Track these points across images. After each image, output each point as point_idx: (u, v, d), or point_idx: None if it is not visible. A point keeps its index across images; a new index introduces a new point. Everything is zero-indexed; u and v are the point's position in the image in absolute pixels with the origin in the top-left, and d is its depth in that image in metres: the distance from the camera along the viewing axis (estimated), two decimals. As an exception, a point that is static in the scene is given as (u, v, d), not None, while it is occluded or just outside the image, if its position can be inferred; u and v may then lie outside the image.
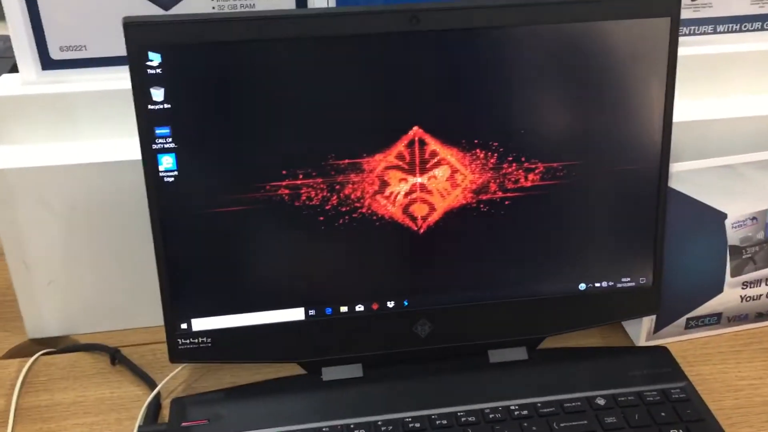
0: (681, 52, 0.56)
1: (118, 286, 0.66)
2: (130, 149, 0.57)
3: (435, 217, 0.57)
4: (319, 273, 0.58)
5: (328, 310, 0.58)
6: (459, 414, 0.55)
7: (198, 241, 0.55)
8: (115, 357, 0.63)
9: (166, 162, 0.53)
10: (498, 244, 0.59)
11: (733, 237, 0.62)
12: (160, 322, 0.56)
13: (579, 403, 0.56)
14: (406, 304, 0.59)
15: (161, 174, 0.53)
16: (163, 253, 0.55)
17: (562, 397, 0.57)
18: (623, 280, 0.61)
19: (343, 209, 0.56)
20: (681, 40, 0.56)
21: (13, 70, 0.65)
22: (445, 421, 0.55)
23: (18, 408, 0.59)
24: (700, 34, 0.69)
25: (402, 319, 0.59)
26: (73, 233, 0.63)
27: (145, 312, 0.63)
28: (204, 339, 0.57)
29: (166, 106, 0.52)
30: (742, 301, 0.64)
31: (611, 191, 0.58)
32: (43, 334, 0.67)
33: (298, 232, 0.56)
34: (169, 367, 0.60)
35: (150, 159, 0.53)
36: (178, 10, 0.62)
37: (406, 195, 0.56)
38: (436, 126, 0.55)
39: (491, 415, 0.55)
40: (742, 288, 0.64)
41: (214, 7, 0.63)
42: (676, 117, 0.57)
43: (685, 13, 0.64)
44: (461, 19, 0.53)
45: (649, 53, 0.55)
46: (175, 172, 0.53)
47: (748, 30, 0.69)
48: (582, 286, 0.60)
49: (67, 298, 0.66)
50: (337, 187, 0.55)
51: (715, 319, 0.64)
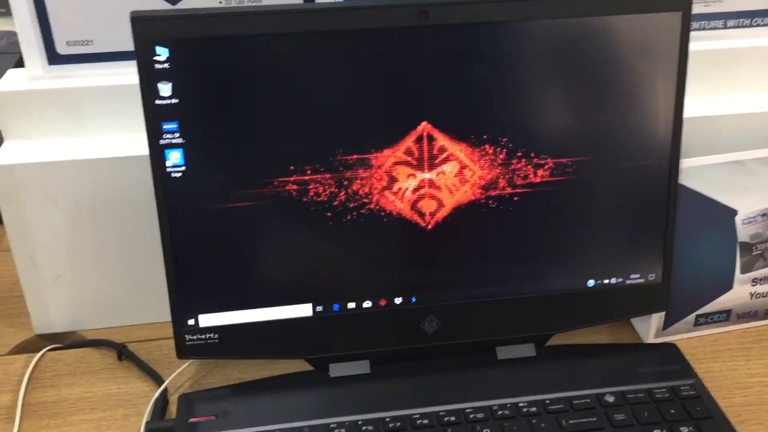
0: (691, 47, 0.56)
1: (125, 281, 0.66)
2: (137, 145, 0.57)
3: (443, 213, 0.57)
4: (327, 269, 0.58)
5: (336, 307, 0.58)
6: (467, 411, 0.55)
7: (205, 236, 0.55)
8: (122, 353, 0.63)
9: (174, 157, 0.53)
10: (506, 241, 0.58)
11: (743, 233, 0.62)
12: (167, 318, 0.56)
13: (588, 400, 0.56)
14: (413, 300, 0.59)
15: (168, 169, 0.53)
16: (170, 248, 0.55)
17: (571, 393, 0.56)
18: (632, 276, 0.60)
19: (351, 205, 0.55)
20: (691, 35, 0.55)
21: (18, 65, 0.65)
22: (453, 418, 0.55)
23: (25, 404, 0.59)
24: (711, 29, 0.68)
25: (409, 316, 0.59)
26: (79, 229, 0.63)
27: (152, 308, 0.63)
28: (211, 335, 0.57)
29: (174, 101, 0.52)
30: (751, 298, 0.64)
31: (621, 187, 0.58)
32: (49, 329, 0.67)
33: (305, 228, 0.56)
34: (176, 363, 0.60)
35: (157, 154, 0.53)
36: (185, 4, 0.62)
37: (415, 191, 0.56)
38: (445, 121, 0.54)
39: (499, 412, 0.55)
40: (752, 285, 0.63)
41: (221, 2, 0.62)
42: (686, 113, 0.57)
43: (695, 8, 0.64)
44: (470, 13, 0.53)
45: (659, 48, 0.55)
46: (183, 168, 0.53)
47: (759, 25, 0.69)
48: (591, 283, 0.60)
49: (73, 294, 0.66)
50: (345, 182, 0.55)
51: (725, 316, 0.64)
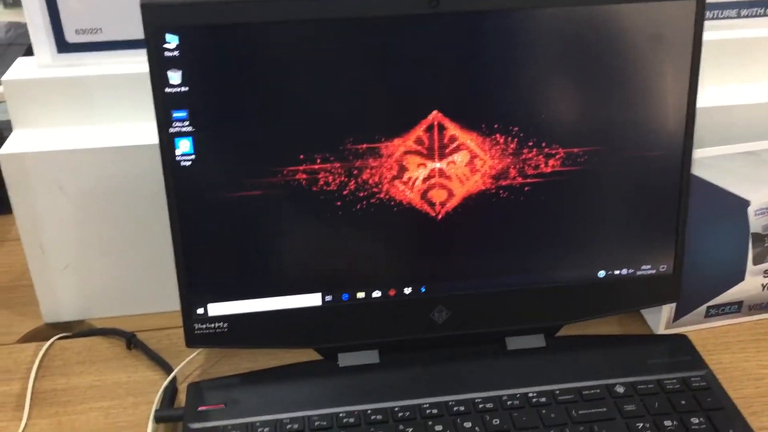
0: (704, 36, 0.55)
1: (134, 270, 0.66)
2: (147, 133, 0.57)
3: (453, 202, 0.56)
4: (336, 259, 0.57)
5: (345, 296, 0.58)
6: (476, 401, 0.55)
7: (215, 225, 0.55)
8: (131, 341, 0.63)
9: (183, 146, 0.53)
10: (517, 231, 0.58)
11: (755, 224, 0.61)
12: (177, 307, 0.56)
13: (598, 390, 0.56)
14: (423, 290, 0.58)
15: (178, 158, 0.53)
16: (180, 237, 0.54)
17: (581, 384, 0.56)
18: (643, 267, 0.60)
19: (361, 194, 0.55)
20: (705, 24, 0.55)
21: (27, 56, 0.65)
22: (462, 408, 0.54)
23: (34, 392, 0.59)
24: (725, 18, 0.68)
25: (419, 306, 0.58)
26: (89, 218, 0.63)
27: (161, 297, 0.63)
28: (220, 324, 0.57)
29: (184, 89, 0.51)
30: (763, 289, 0.63)
31: (633, 177, 0.57)
32: (59, 318, 0.67)
33: (315, 218, 0.56)
34: (185, 351, 0.60)
35: (167, 143, 0.52)
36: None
37: (425, 180, 0.56)
38: (456, 110, 0.54)
39: (509, 402, 0.55)
40: (764, 276, 0.63)
41: (230, -10, 0.62)
42: (700, 102, 0.56)
43: (708, -3, 0.63)
44: (481, 1, 0.52)
45: (673, 37, 0.54)
46: (192, 156, 0.53)
47: (773, 14, 0.68)
48: (601, 274, 0.60)
49: (82, 283, 0.66)
50: (355, 172, 0.55)
51: (736, 307, 0.64)
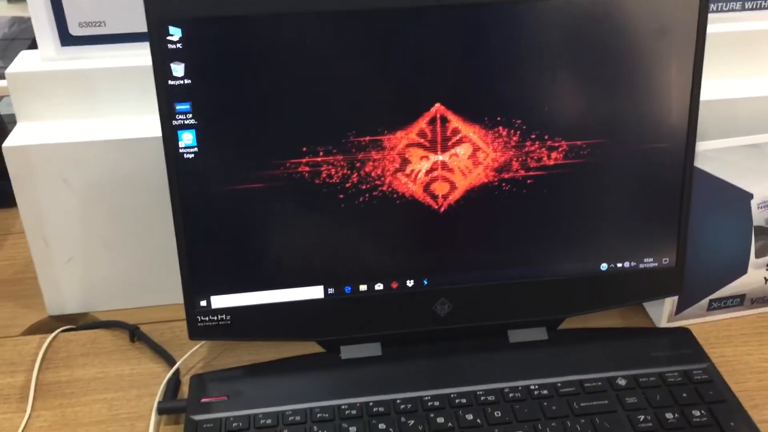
0: (708, 29, 0.55)
1: (137, 263, 0.66)
2: (150, 126, 0.57)
3: (456, 195, 0.56)
4: (339, 251, 0.58)
5: (348, 289, 0.58)
6: (478, 393, 0.55)
7: (217, 218, 0.55)
8: (135, 334, 0.64)
9: (186, 138, 0.53)
10: (519, 224, 0.58)
11: (758, 217, 0.61)
12: (180, 299, 0.56)
13: (599, 383, 0.56)
14: (425, 283, 0.58)
15: (181, 150, 0.53)
16: (183, 230, 0.55)
17: (583, 377, 0.56)
18: (646, 260, 0.60)
19: (364, 187, 0.55)
20: (708, 17, 0.55)
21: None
22: (464, 400, 0.55)
23: (38, 384, 0.60)
24: (728, 11, 0.67)
25: (421, 299, 0.59)
26: (92, 210, 0.63)
27: (165, 289, 0.63)
28: (223, 316, 0.57)
29: (187, 81, 0.51)
30: (766, 282, 0.63)
31: (635, 170, 0.57)
32: (62, 311, 0.68)
33: (317, 210, 0.56)
34: (188, 344, 0.60)
35: (170, 135, 0.53)
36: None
37: (427, 173, 0.56)
38: (459, 103, 0.54)
39: (511, 395, 0.55)
40: (767, 269, 0.63)
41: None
42: (703, 95, 0.56)
43: (712, -10, 0.63)
44: (484, -6, 0.52)
45: (676, 30, 0.54)
46: (195, 149, 0.53)
47: (777, 7, 0.68)
48: (604, 267, 0.60)
49: (86, 276, 0.66)
50: (358, 164, 0.55)
51: (739, 300, 0.64)
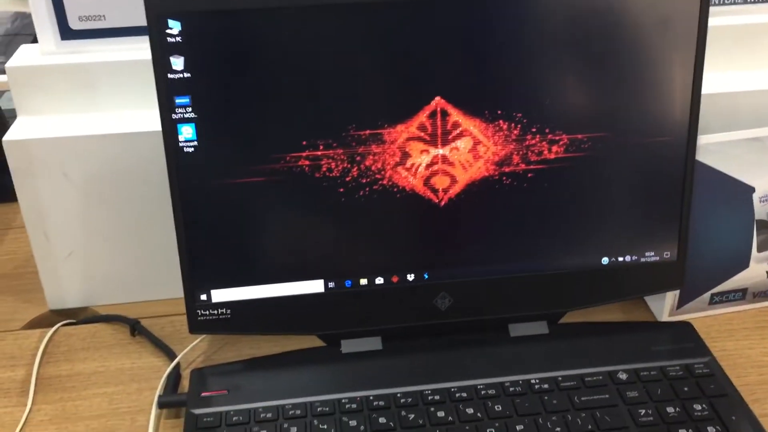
0: (709, 22, 0.55)
1: (138, 257, 0.66)
2: (150, 120, 0.57)
3: (456, 189, 0.56)
4: (339, 245, 0.57)
5: (348, 283, 0.58)
6: (479, 387, 0.55)
7: (218, 212, 0.55)
8: (135, 328, 0.64)
9: (186, 132, 0.53)
10: (520, 218, 0.58)
11: (760, 211, 0.61)
12: (180, 294, 0.56)
13: (600, 377, 0.56)
14: (426, 277, 0.58)
15: (181, 144, 0.53)
16: (183, 224, 0.55)
17: (584, 371, 0.56)
18: (647, 254, 0.60)
19: (364, 181, 0.55)
20: (710, 10, 0.54)
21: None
22: (464, 394, 0.54)
23: (39, 377, 0.60)
24: (730, 4, 0.67)
25: (422, 293, 0.58)
26: (92, 204, 0.63)
27: (165, 284, 0.63)
28: (223, 310, 0.57)
29: (186, 75, 0.51)
30: (768, 276, 0.63)
31: (637, 164, 0.57)
32: (63, 305, 0.68)
33: (317, 204, 0.56)
34: (189, 338, 0.60)
35: (170, 129, 0.52)
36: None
37: (428, 167, 0.56)
38: (459, 96, 0.54)
39: (511, 389, 0.55)
40: (769, 263, 0.63)
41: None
42: (705, 88, 0.56)
43: (714, -18, 0.63)
44: (485, -14, 0.52)
45: (678, 23, 0.54)
46: (195, 143, 0.53)
47: (779, 0, 0.68)
48: (605, 261, 0.60)
49: (86, 270, 0.66)
50: (358, 158, 0.54)
51: (740, 294, 0.63)
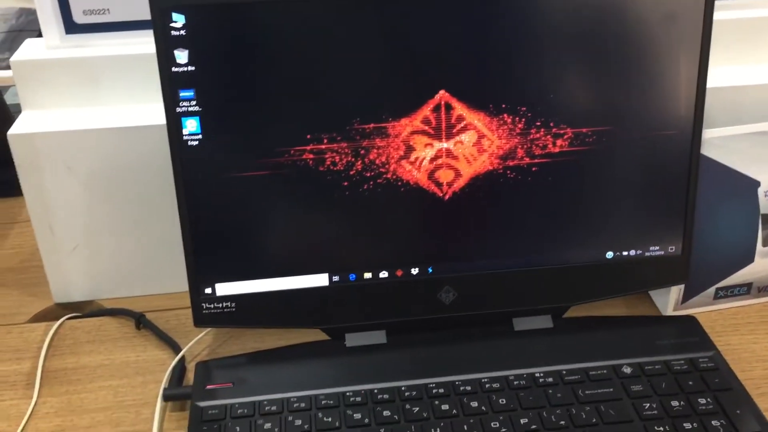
0: (715, 16, 0.54)
1: (143, 251, 0.66)
2: (155, 114, 0.57)
3: (461, 183, 0.56)
4: (343, 239, 0.58)
5: (352, 277, 0.58)
6: (483, 380, 0.55)
7: (222, 205, 0.55)
8: (140, 321, 0.64)
9: (190, 125, 0.53)
10: (524, 212, 0.58)
11: (765, 205, 0.61)
12: (185, 287, 0.57)
13: (605, 371, 0.56)
14: (430, 271, 0.58)
15: (185, 137, 0.53)
16: (187, 217, 0.55)
17: (588, 365, 0.56)
18: (652, 248, 0.60)
19: (368, 174, 0.55)
20: (715, 3, 0.54)
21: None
22: (469, 388, 0.55)
23: (45, 370, 0.60)
24: (735, -2, 0.67)
25: (426, 286, 0.58)
26: (97, 198, 0.64)
27: (170, 277, 0.64)
28: (228, 304, 0.57)
29: (190, 68, 0.51)
30: (773, 271, 0.63)
31: (641, 158, 0.57)
32: (68, 298, 0.68)
33: (322, 198, 0.56)
34: (194, 331, 0.60)
35: (174, 122, 0.53)
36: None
37: (432, 160, 0.56)
38: (463, 90, 0.54)
39: (516, 382, 0.55)
40: (774, 258, 0.63)
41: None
42: (709, 82, 0.56)
43: (720, -24, 0.62)
44: (489, -20, 0.52)
45: (683, 16, 0.54)
46: (199, 136, 0.53)
47: (786, -7, 0.67)
48: (609, 255, 0.59)
49: (92, 263, 0.66)
50: (362, 152, 0.54)
51: (745, 289, 0.63)
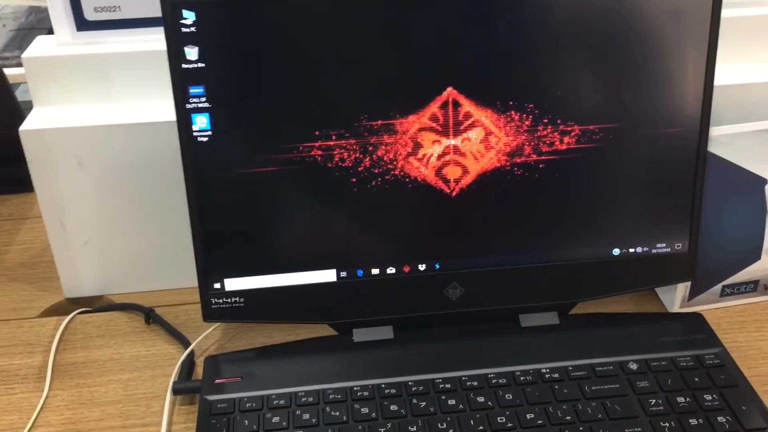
0: (722, 13, 0.55)
1: (152, 246, 0.66)
2: (165, 110, 0.57)
3: (468, 180, 0.57)
4: (351, 235, 0.58)
5: (360, 272, 0.58)
6: (489, 376, 0.55)
7: (231, 201, 0.55)
8: (150, 316, 0.64)
9: (200, 122, 0.53)
10: (531, 208, 0.58)
11: (772, 203, 0.61)
12: (194, 283, 0.57)
13: (611, 367, 0.56)
14: (437, 267, 0.59)
15: (195, 134, 0.53)
16: (197, 213, 0.55)
17: (594, 361, 0.56)
18: (658, 245, 0.60)
19: (376, 171, 0.55)
20: (723, 1, 0.54)
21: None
22: (475, 383, 0.55)
23: (55, 364, 0.61)
24: (743, -5, 0.67)
25: (433, 282, 0.59)
26: (108, 194, 0.64)
27: (180, 272, 0.64)
28: (237, 299, 0.58)
29: (200, 65, 0.52)
30: (780, 268, 0.63)
31: (648, 155, 0.57)
32: (79, 293, 0.68)
33: (330, 194, 0.56)
34: (203, 326, 0.61)
35: (184, 119, 0.53)
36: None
37: (440, 157, 0.56)
38: (471, 87, 0.54)
39: (522, 378, 0.55)
40: (781, 255, 0.63)
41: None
42: (717, 80, 0.56)
43: (728, -26, 0.63)
44: (497, -23, 0.52)
45: (691, 14, 0.54)
46: (209, 132, 0.53)
47: (794, -9, 0.67)
48: (616, 251, 0.60)
49: (102, 259, 0.67)
50: (370, 148, 0.55)
51: (752, 286, 0.63)
